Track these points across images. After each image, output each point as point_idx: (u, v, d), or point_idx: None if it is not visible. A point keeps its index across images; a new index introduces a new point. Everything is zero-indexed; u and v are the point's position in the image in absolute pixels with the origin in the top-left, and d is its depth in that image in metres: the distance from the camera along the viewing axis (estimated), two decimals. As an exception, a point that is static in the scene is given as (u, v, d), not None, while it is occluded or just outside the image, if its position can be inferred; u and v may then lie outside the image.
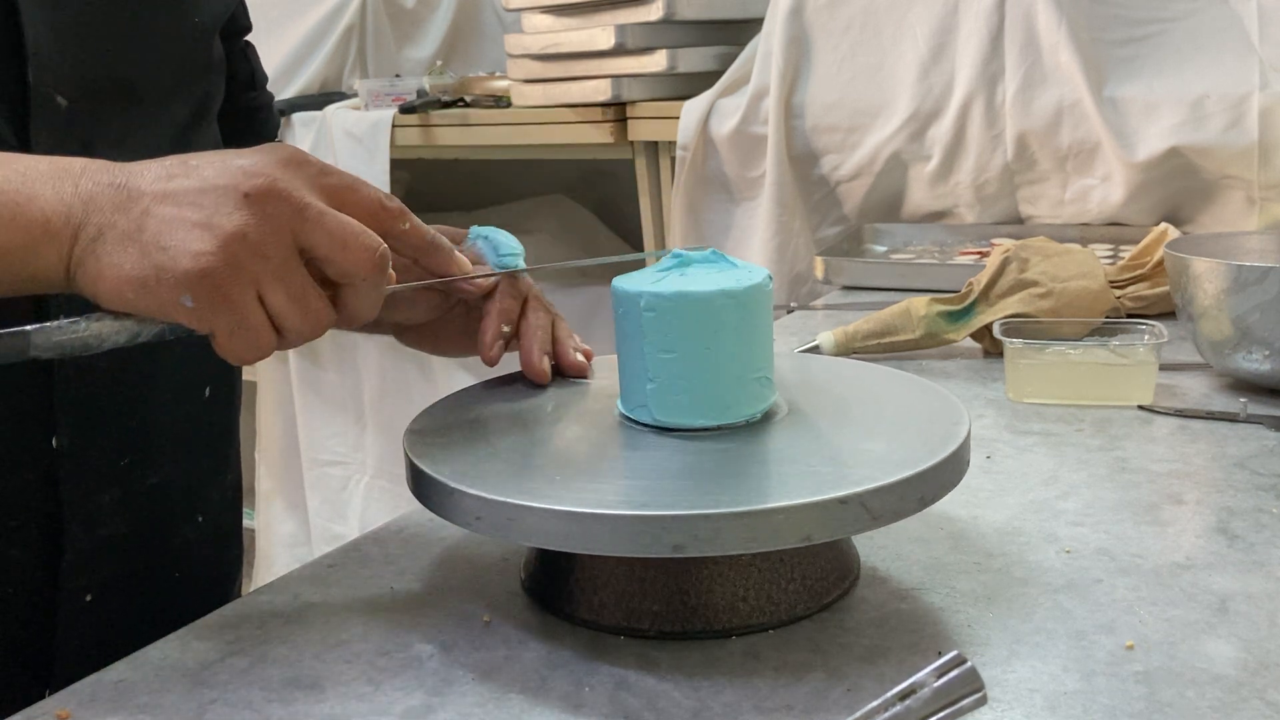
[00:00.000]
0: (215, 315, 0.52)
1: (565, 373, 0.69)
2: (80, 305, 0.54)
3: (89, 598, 0.69)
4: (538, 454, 0.61)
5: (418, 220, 0.60)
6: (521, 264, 0.68)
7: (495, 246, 0.69)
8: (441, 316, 0.70)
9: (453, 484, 0.55)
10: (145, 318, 0.54)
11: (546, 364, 0.68)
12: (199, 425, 0.77)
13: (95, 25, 0.67)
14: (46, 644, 0.68)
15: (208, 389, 0.77)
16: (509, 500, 0.53)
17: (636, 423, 0.62)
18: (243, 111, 0.85)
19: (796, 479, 0.55)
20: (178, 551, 0.75)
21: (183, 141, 0.74)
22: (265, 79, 0.90)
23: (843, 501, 0.52)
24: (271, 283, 0.53)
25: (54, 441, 0.66)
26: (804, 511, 0.51)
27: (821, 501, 0.52)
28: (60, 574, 0.68)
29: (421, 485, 0.58)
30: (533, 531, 0.53)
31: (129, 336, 0.54)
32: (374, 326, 0.72)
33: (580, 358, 0.70)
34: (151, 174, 0.53)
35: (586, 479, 0.56)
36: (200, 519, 0.77)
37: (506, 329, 0.67)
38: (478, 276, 0.65)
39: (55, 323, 0.53)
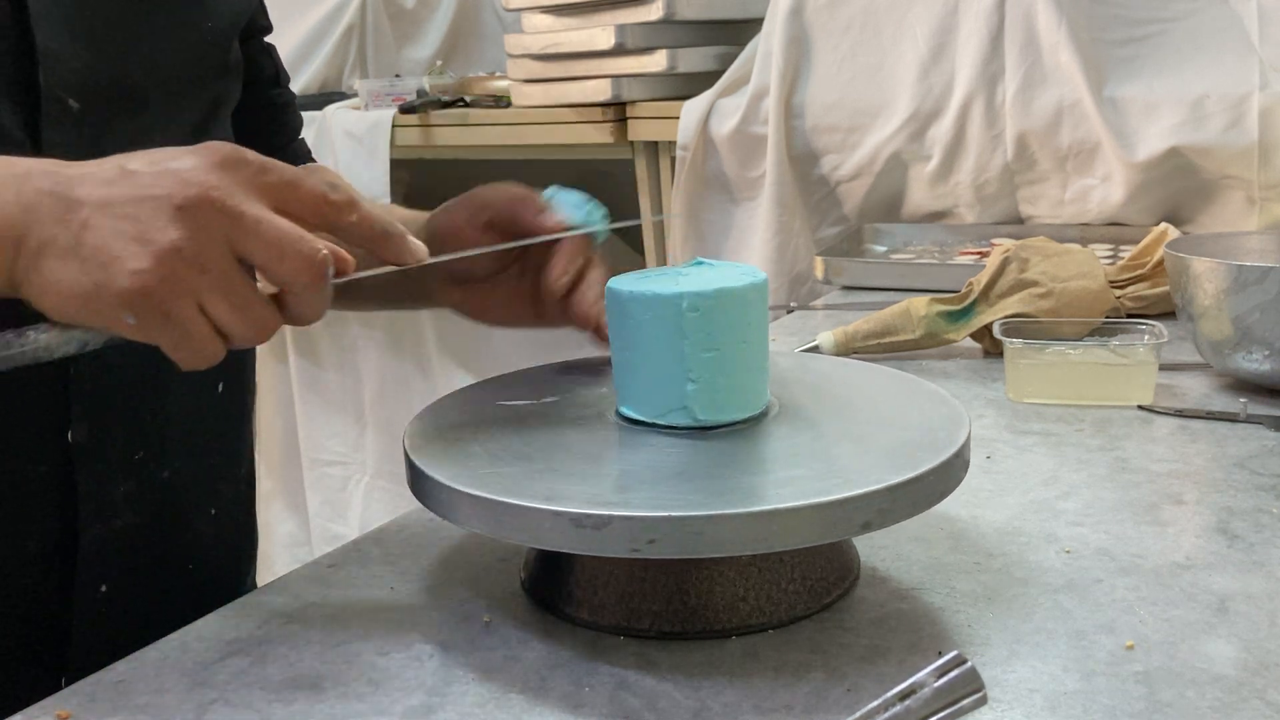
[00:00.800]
0: (158, 330, 0.52)
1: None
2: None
3: (104, 588, 0.70)
4: (548, 455, 0.61)
5: (368, 209, 0.57)
6: (597, 225, 0.70)
7: (564, 204, 0.70)
8: (499, 275, 0.71)
9: (453, 484, 0.55)
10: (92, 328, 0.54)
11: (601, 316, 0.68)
12: (212, 420, 0.78)
13: (107, 28, 0.67)
14: (62, 634, 0.68)
15: (221, 385, 0.78)
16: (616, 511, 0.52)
17: (641, 423, 0.61)
18: (266, 109, 0.86)
19: (881, 455, 0.57)
20: (190, 544, 0.76)
21: (194, 143, 0.74)
22: (288, 78, 0.91)
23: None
24: (212, 295, 0.52)
25: (69, 435, 0.67)
26: (937, 474, 0.55)
27: (945, 462, 0.55)
28: (75, 565, 0.68)
29: (421, 485, 0.58)
30: (716, 540, 0.51)
31: (78, 345, 0.54)
32: (426, 300, 0.75)
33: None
34: (92, 180, 0.52)
35: (642, 481, 0.56)
36: (213, 512, 0.78)
37: (577, 264, 0.68)
38: (443, 260, 0.63)
39: (4, 338, 0.53)
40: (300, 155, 0.92)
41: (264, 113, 0.85)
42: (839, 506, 0.52)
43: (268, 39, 0.88)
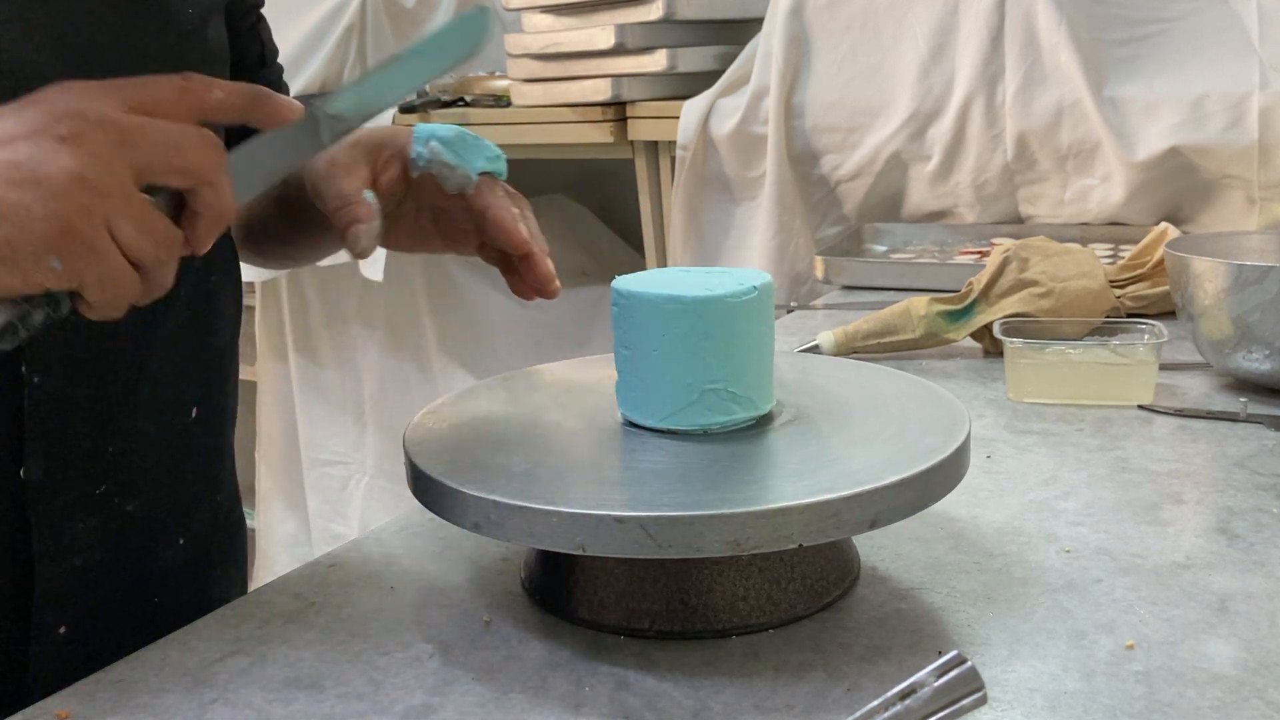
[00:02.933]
0: (85, 268, 0.49)
1: (532, 278, 0.68)
2: None
3: (63, 630, 0.65)
4: (544, 456, 0.61)
5: (227, 82, 0.56)
6: (503, 169, 0.68)
7: (460, 153, 0.67)
8: (395, 211, 0.70)
9: (453, 485, 0.55)
10: (6, 300, 0.50)
11: (532, 242, 0.67)
12: (185, 447, 0.73)
13: (75, 33, 0.64)
14: (19, 679, 0.64)
15: (194, 410, 0.73)
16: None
17: (641, 426, 0.61)
18: None
19: (881, 455, 0.57)
20: (158, 576, 0.71)
21: None
22: (275, 53, 0.86)
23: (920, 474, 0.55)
24: (119, 219, 0.50)
25: (22, 472, 0.62)
26: (937, 473, 0.55)
27: (944, 462, 0.55)
28: (31, 607, 0.64)
29: (421, 485, 0.58)
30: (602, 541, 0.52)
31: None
32: (327, 234, 0.71)
33: (550, 267, 0.68)
34: None
35: (664, 482, 0.56)
36: (182, 541, 0.73)
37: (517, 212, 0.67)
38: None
39: None
40: None
41: None
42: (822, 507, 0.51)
43: (262, 12, 0.83)
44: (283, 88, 0.88)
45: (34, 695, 0.60)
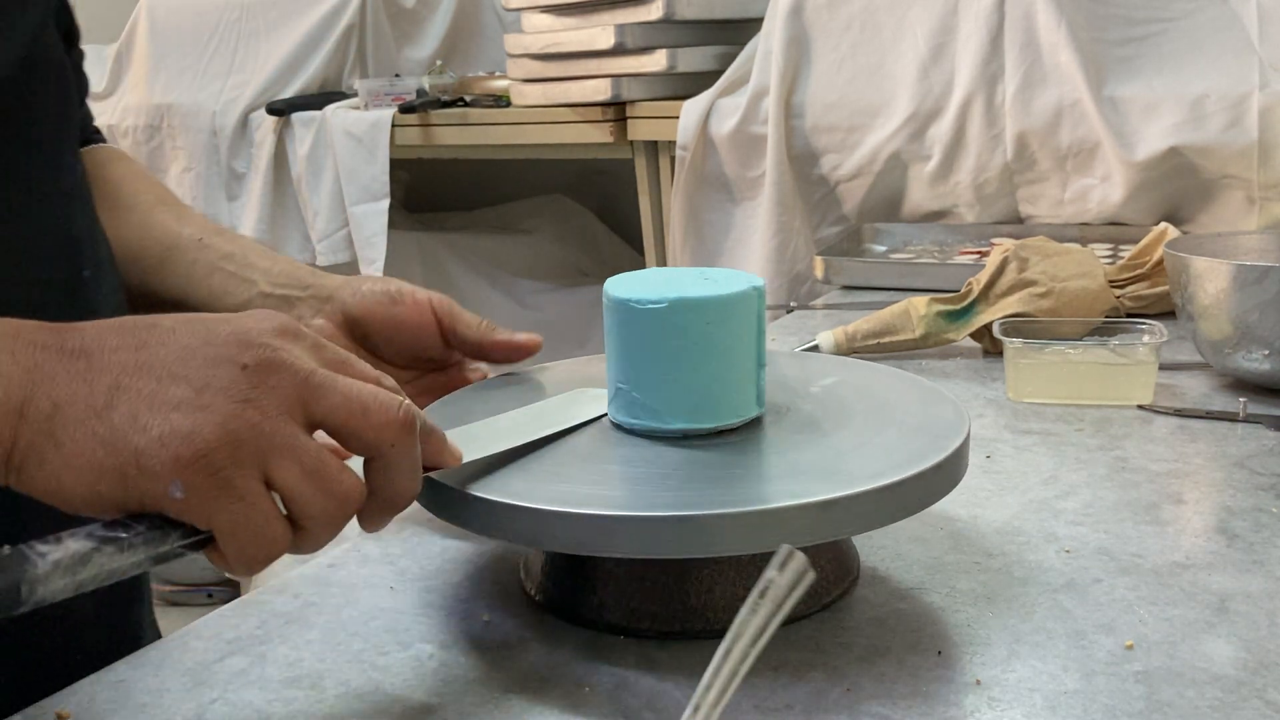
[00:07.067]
0: (213, 505, 0.43)
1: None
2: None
3: None
4: (546, 456, 0.61)
5: (410, 403, 0.50)
6: None
7: None
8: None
9: (448, 484, 0.55)
10: (138, 529, 0.43)
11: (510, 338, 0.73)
12: None
13: None
14: None
15: None
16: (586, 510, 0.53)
17: (632, 430, 0.61)
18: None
19: (881, 455, 0.57)
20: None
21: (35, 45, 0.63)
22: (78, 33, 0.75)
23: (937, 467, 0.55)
24: (279, 459, 0.44)
25: None
26: (937, 473, 0.54)
27: (944, 462, 0.55)
28: None
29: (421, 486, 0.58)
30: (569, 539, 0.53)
31: (132, 564, 0.43)
32: None
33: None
34: (113, 340, 0.44)
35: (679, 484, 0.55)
36: None
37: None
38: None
39: (42, 559, 0.41)
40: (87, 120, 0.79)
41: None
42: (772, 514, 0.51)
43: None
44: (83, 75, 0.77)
45: None
